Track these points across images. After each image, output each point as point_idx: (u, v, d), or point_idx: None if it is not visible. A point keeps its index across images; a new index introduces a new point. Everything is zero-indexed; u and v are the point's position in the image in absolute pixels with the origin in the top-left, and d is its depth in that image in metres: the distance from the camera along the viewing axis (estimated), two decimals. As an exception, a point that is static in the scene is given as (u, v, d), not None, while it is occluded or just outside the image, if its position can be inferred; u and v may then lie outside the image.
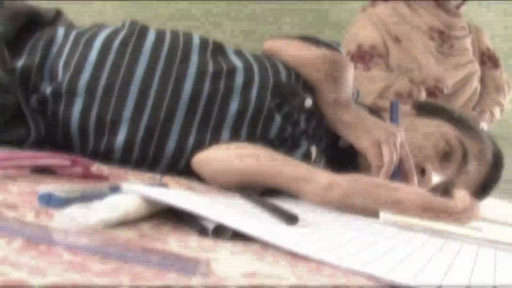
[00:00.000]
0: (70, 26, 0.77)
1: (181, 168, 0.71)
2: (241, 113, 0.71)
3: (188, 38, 0.75)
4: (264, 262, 0.35)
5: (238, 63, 0.75)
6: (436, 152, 0.79)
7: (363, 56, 1.58)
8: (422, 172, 0.80)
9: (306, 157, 0.74)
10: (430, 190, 0.78)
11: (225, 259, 0.35)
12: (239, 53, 0.78)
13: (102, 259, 0.29)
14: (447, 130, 0.81)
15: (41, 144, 0.70)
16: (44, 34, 0.73)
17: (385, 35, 1.57)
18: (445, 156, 0.80)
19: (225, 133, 0.70)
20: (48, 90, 0.69)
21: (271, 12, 1.95)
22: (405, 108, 0.88)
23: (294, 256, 0.37)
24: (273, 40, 0.83)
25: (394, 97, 1.57)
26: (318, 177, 0.59)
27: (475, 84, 1.65)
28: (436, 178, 0.80)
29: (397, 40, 1.57)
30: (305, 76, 0.77)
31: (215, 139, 0.70)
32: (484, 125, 1.69)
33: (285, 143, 0.74)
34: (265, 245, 0.38)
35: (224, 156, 0.65)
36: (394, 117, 0.80)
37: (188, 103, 0.70)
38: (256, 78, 0.74)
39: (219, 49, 0.77)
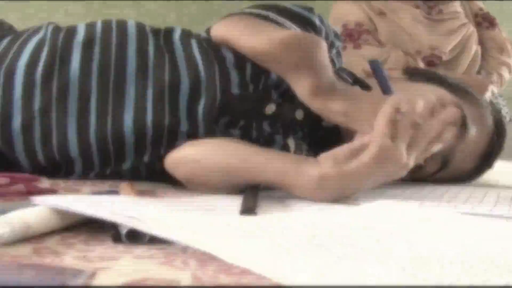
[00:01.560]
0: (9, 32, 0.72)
1: (146, 169, 0.66)
2: (191, 134, 0.64)
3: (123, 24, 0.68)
4: (168, 265, 0.32)
5: (183, 69, 0.65)
6: None
7: (351, 35, 1.52)
8: None
9: (284, 151, 0.66)
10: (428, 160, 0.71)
11: (122, 267, 0.31)
12: (186, 47, 0.67)
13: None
14: (442, 94, 0.72)
15: None
16: None
17: (368, 10, 1.51)
18: None
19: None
20: None
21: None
22: (396, 72, 0.81)
23: (212, 256, 0.33)
24: (224, 24, 0.69)
25: (390, 72, 1.51)
26: (307, 170, 0.53)
27: (474, 46, 1.57)
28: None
29: (381, 13, 1.51)
30: (270, 69, 0.65)
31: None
32: (494, 88, 1.61)
33: (257, 141, 0.66)
34: (185, 247, 0.35)
35: (201, 154, 0.59)
36: (382, 81, 0.63)
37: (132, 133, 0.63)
38: (203, 93, 0.64)
39: (158, 39, 0.67)
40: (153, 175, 0.64)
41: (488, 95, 1.57)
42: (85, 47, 0.65)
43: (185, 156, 0.59)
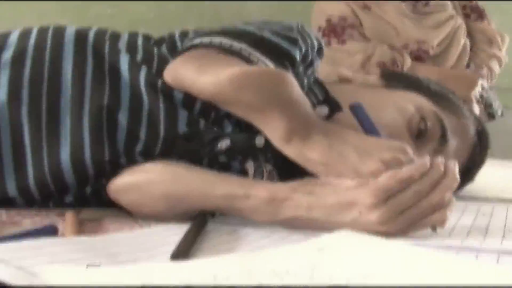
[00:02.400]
0: None
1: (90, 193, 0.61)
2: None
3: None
4: None
5: (124, 99, 0.57)
6: (410, 129, 0.64)
7: (335, 30, 1.47)
8: None
9: (243, 176, 0.60)
10: None
11: None
12: (133, 76, 0.58)
13: None
14: (422, 103, 0.66)
15: None
16: None
17: (353, 5, 1.46)
18: (420, 134, 0.65)
19: None
20: None
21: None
22: (372, 78, 0.75)
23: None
24: (178, 64, 0.59)
25: (377, 67, 1.46)
26: (256, 192, 0.50)
27: (463, 39, 1.52)
28: None
29: (366, 7, 1.46)
30: (233, 113, 0.57)
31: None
32: (484, 83, 1.56)
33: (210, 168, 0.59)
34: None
35: (144, 182, 0.54)
36: (366, 125, 0.55)
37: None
38: (143, 129, 0.57)
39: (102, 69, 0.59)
40: (100, 202, 0.60)
41: (477, 90, 1.52)
42: (13, 66, 0.59)
43: (127, 184, 0.55)
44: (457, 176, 0.50)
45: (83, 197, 0.60)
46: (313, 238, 0.47)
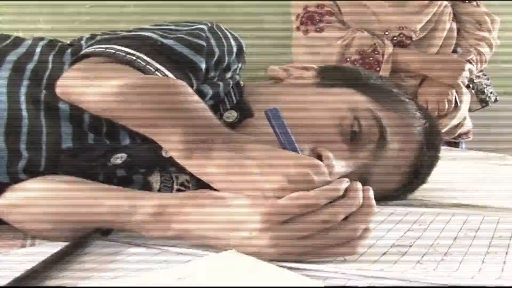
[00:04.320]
0: None
1: None
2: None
3: None
4: None
5: (1, 111, 0.53)
6: (341, 131, 0.58)
7: (312, 17, 1.40)
8: (320, 159, 0.60)
9: (146, 189, 0.55)
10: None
11: None
12: (11, 92, 0.54)
13: None
14: (357, 101, 0.60)
15: None
16: None
17: (331, -10, 1.39)
18: (355, 137, 0.58)
19: None
20: None
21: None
22: (307, 75, 0.67)
23: None
24: (69, 77, 0.54)
25: (357, 54, 1.38)
26: (143, 205, 0.46)
27: (448, 22, 1.43)
28: (344, 166, 0.59)
29: (345, -8, 1.38)
30: (127, 126, 0.52)
31: None
32: (472, 67, 1.47)
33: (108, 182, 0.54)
34: None
35: (26, 200, 0.50)
36: (281, 134, 0.48)
37: None
38: (23, 147, 0.52)
39: None
40: None
41: (465, 75, 1.43)
42: None
43: (7, 204, 0.51)
44: (374, 207, 0.44)
45: None
46: (198, 259, 0.43)
